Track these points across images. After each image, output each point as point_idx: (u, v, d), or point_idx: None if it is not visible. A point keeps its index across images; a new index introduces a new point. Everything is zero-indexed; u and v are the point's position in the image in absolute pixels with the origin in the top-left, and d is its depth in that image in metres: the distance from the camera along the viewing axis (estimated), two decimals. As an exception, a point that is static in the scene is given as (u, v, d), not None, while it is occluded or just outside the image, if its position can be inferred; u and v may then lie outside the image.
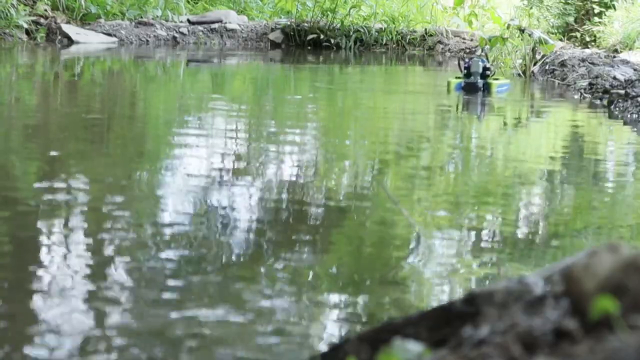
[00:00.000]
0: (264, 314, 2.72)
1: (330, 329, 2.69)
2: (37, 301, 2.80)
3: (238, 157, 5.45)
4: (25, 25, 12.70)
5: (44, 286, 2.94)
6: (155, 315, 2.70)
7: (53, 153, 5.33)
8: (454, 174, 5.25)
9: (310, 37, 14.53)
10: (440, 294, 3.07)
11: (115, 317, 2.68)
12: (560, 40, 14.93)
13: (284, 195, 4.47)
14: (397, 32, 14.98)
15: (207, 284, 2.97)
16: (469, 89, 8.78)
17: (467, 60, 9.12)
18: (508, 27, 11.51)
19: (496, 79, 9.05)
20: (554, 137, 7.03)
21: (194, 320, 2.62)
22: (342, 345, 1.83)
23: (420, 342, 1.64)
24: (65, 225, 3.65)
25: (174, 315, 2.68)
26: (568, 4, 17.21)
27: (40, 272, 3.06)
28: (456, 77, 9.14)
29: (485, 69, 8.95)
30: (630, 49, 14.58)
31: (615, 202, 4.69)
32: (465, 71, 8.93)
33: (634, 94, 8.30)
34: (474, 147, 6.32)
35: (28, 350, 2.39)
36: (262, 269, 3.24)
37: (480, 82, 8.79)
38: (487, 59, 9.29)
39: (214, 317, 2.66)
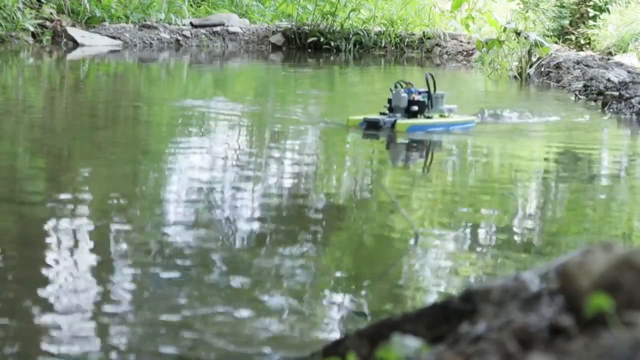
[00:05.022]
0: (266, 311, 2.77)
1: (331, 325, 2.74)
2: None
3: (239, 157, 5.65)
4: (31, 29, 12.88)
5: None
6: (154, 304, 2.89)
7: (60, 152, 5.51)
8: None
9: (310, 39, 14.74)
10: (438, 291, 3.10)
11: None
12: (556, 43, 15.14)
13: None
14: (395, 35, 15.18)
15: (210, 285, 2.99)
16: (369, 127, 6.36)
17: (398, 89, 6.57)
18: (504, 30, 11.68)
19: (429, 117, 6.53)
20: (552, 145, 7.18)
21: (199, 317, 2.67)
22: (342, 341, 1.88)
23: (418, 338, 1.65)
24: (72, 223, 3.79)
25: (181, 311, 2.76)
26: (563, 7, 17.43)
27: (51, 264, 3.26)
28: (380, 113, 6.57)
29: (412, 102, 6.50)
30: (624, 52, 14.80)
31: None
32: (388, 105, 6.53)
33: (627, 95, 8.47)
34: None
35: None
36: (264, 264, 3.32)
37: (387, 120, 6.35)
38: (430, 89, 6.61)
39: (219, 312, 2.72)
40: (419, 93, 6.52)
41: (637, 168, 6.00)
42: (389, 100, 6.49)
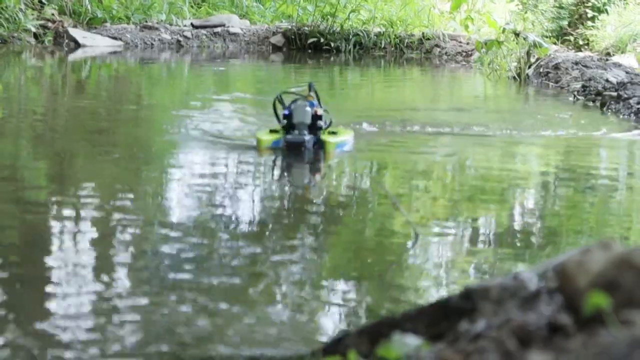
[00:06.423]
0: (267, 310, 2.81)
1: (332, 323, 2.78)
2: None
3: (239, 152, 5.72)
4: (33, 29, 12.93)
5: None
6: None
7: (62, 152, 5.56)
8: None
9: (310, 40, 14.80)
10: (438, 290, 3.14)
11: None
12: (555, 43, 15.22)
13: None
14: (395, 35, 15.22)
15: (214, 284, 3.03)
16: (291, 148, 5.66)
17: (289, 104, 5.82)
18: (503, 31, 11.73)
19: (333, 132, 5.93)
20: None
21: (199, 317, 2.70)
22: (343, 339, 1.91)
23: (418, 336, 1.67)
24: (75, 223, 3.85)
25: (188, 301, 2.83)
26: (562, 8, 17.49)
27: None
28: (270, 130, 5.90)
29: (316, 117, 5.79)
30: (622, 53, 14.86)
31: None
32: (285, 121, 5.75)
33: (625, 96, 8.55)
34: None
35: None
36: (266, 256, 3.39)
37: (309, 138, 5.68)
38: (319, 101, 5.93)
39: (219, 312, 2.76)
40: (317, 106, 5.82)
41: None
42: (287, 116, 5.70)
